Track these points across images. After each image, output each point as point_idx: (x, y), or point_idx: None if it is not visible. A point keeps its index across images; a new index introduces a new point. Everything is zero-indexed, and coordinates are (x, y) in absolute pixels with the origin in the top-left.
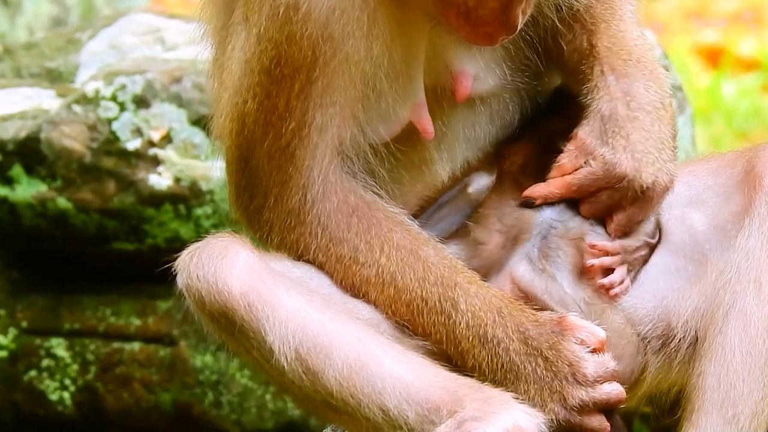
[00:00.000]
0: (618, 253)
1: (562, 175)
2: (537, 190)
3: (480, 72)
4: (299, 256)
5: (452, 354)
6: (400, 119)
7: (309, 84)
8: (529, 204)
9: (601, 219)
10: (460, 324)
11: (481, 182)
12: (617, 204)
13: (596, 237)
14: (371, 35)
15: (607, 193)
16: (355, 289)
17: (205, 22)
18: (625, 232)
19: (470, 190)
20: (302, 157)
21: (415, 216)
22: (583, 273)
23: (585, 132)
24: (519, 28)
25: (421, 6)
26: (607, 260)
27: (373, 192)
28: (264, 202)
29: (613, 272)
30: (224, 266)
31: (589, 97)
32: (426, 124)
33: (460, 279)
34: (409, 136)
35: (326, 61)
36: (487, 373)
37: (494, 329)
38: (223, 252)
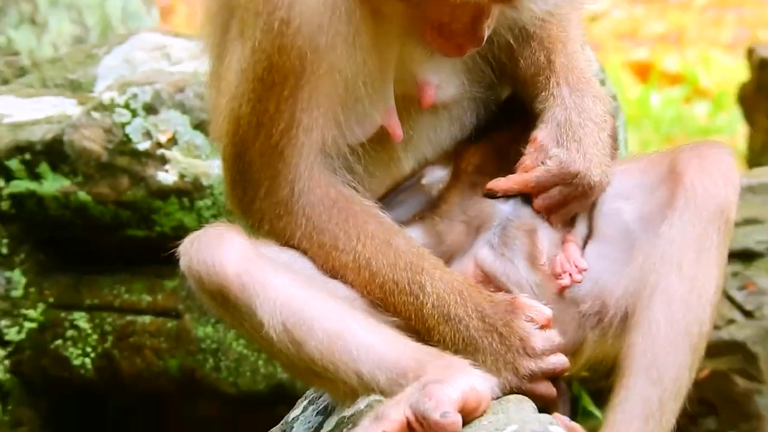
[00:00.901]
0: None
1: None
2: (500, 184)
3: (442, 82)
4: (286, 242)
5: (420, 330)
6: (374, 122)
7: (297, 90)
8: (491, 195)
9: (547, 217)
10: (426, 304)
11: (434, 175)
12: (566, 198)
13: (545, 229)
14: (354, 47)
15: (559, 188)
16: (334, 272)
17: (204, 39)
18: (564, 223)
19: (424, 181)
20: (290, 155)
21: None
22: (535, 260)
23: (543, 135)
24: (485, 40)
25: (396, 21)
26: (577, 278)
27: (350, 186)
28: (256, 194)
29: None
30: (220, 251)
31: (545, 104)
32: (395, 127)
33: (426, 265)
34: (381, 138)
35: (313, 70)
36: (450, 346)
37: (456, 309)
38: (219, 239)
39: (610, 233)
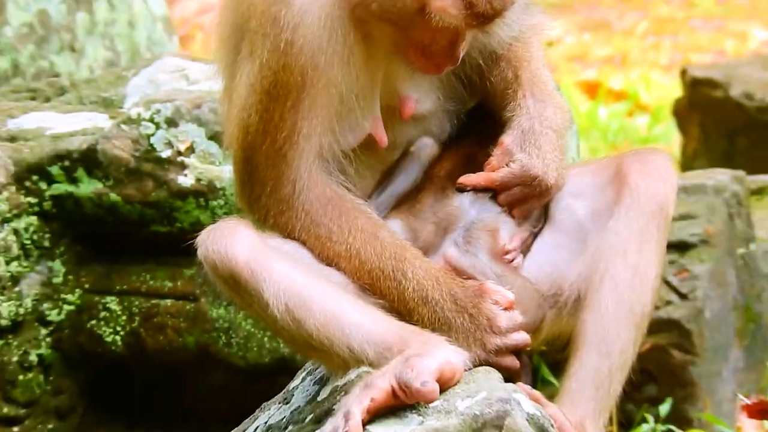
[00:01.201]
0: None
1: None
2: (470, 179)
3: (421, 97)
4: (288, 234)
5: (402, 311)
6: (364, 130)
7: (298, 102)
8: (461, 189)
9: (509, 211)
10: (407, 289)
11: (421, 143)
12: (526, 196)
13: (506, 226)
14: (348, 65)
15: (520, 188)
16: (329, 261)
17: (218, 60)
18: (525, 216)
19: (412, 148)
20: (292, 158)
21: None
22: (496, 253)
23: (509, 140)
24: (459, 60)
25: (384, 43)
26: (519, 259)
27: (343, 186)
28: (262, 192)
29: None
30: (232, 242)
31: (513, 114)
32: (381, 134)
33: (408, 255)
34: (369, 144)
35: (312, 84)
36: (428, 325)
37: (433, 293)
38: (231, 231)
39: (565, 226)
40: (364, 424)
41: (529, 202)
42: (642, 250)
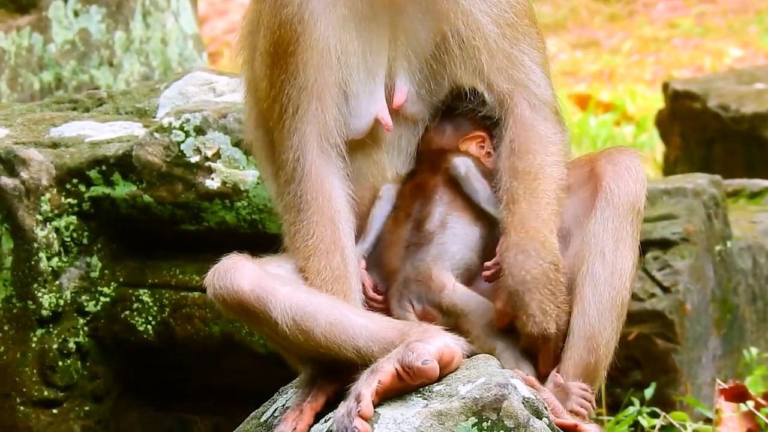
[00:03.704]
0: None
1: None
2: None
3: (412, 96)
4: (285, 193)
5: None
6: (370, 114)
7: (291, 66)
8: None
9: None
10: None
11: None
12: (540, 351)
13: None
14: (350, 45)
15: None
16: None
17: (239, 53)
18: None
19: (380, 193)
20: (287, 110)
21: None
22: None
23: (500, 305)
24: None
25: (388, 27)
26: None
27: (344, 175)
28: (257, 124)
29: None
30: (236, 275)
31: (500, 253)
32: (387, 118)
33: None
34: (373, 134)
35: (305, 44)
36: None
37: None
38: (233, 266)
39: None
40: (374, 406)
41: (544, 349)
42: (618, 248)
